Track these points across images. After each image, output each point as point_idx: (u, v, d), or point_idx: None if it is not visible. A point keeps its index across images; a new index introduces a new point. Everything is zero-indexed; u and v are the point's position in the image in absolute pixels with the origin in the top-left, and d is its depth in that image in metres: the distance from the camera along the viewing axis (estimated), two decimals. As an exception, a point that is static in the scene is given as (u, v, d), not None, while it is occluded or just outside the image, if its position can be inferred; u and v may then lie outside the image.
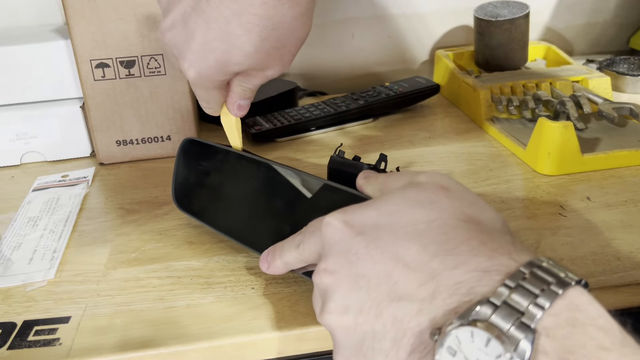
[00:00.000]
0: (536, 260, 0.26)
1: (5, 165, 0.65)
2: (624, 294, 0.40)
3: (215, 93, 0.41)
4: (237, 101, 0.42)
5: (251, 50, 0.36)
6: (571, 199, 0.51)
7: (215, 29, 0.35)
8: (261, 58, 0.37)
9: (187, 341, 0.37)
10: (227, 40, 0.36)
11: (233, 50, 0.36)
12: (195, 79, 0.39)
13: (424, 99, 0.75)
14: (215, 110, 0.44)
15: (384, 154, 0.45)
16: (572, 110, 0.61)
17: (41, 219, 0.53)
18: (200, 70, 0.38)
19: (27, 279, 0.44)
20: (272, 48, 0.36)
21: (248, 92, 0.42)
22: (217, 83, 0.40)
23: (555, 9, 0.88)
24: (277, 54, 0.37)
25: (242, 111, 0.43)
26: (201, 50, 0.37)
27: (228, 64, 0.37)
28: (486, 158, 0.61)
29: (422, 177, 0.34)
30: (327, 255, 0.32)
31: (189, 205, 0.49)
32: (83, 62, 0.59)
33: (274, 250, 0.39)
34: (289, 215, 0.42)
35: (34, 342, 0.38)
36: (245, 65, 0.37)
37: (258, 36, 0.35)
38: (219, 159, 0.47)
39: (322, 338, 0.38)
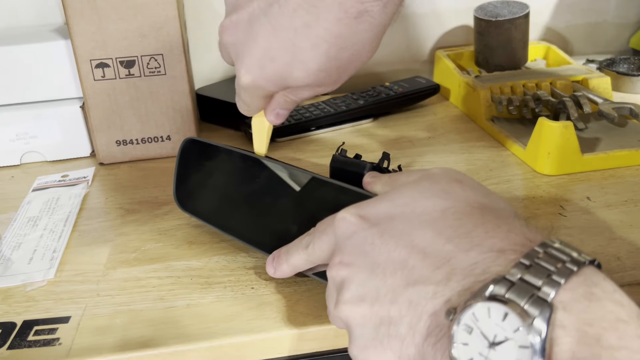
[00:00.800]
0: (549, 240, 0.26)
1: (5, 165, 0.65)
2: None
3: (261, 101, 0.40)
4: (277, 109, 0.41)
5: (314, 67, 0.34)
6: (571, 198, 0.51)
7: (282, 37, 0.34)
8: (322, 77, 0.35)
9: (187, 341, 0.37)
10: (292, 52, 0.34)
11: (296, 64, 0.34)
12: (248, 86, 0.37)
13: (424, 99, 0.75)
14: (253, 112, 0.42)
15: (387, 153, 0.45)
16: (572, 110, 0.61)
17: (41, 219, 0.53)
18: (256, 79, 0.36)
19: (27, 278, 0.44)
20: (335, 68, 0.35)
21: (290, 103, 0.40)
22: (268, 93, 0.38)
23: (556, 8, 0.88)
24: (337, 75, 0.36)
25: (279, 119, 0.42)
26: (262, 57, 0.35)
27: (287, 78, 0.35)
28: (486, 158, 0.61)
29: (435, 170, 0.34)
30: (341, 248, 0.32)
31: (190, 204, 0.49)
32: (83, 62, 0.59)
33: (279, 254, 0.39)
34: (292, 213, 0.42)
35: (34, 342, 0.38)
36: (303, 82, 0.36)
37: (325, 54, 0.33)
38: (220, 159, 0.47)
39: (322, 338, 0.38)
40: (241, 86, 0.38)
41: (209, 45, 0.81)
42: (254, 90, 0.38)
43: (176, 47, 0.60)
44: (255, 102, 0.40)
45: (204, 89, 0.75)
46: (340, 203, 0.36)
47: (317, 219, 0.38)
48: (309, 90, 0.38)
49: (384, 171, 0.43)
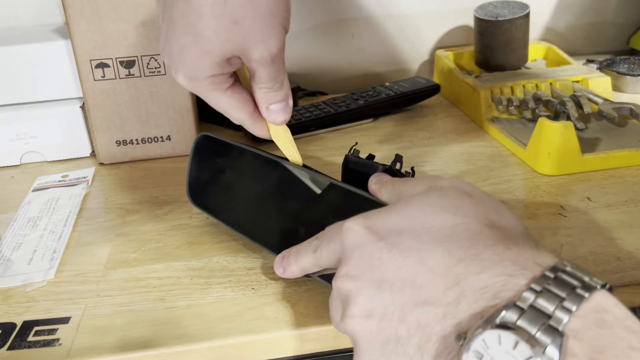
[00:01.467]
0: (560, 264, 0.26)
1: (5, 165, 0.65)
2: (624, 294, 0.40)
3: (224, 97, 0.38)
4: (265, 105, 0.39)
5: (210, 32, 0.34)
6: (571, 199, 0.51)
7: (179, 26, 0.35)
8: (225, 38, 0.34)
9: (188, 341, 0.37)
10: (189, 31, 0.34)
11: (197, 39, 0.34)
12: (186, 83, 0.37)
13: (424, 99, 0.75)
14: (251, 122, 0.40)
15: (400, 155, 0.44)
16: (573, 110, 0.61)
17: (41, 219, 0.52)
18: (185, 72, 0.36)
19: (27, 279, 0.44)
20: (231, 23, 0.34)
21: (267, 91, 0.38)
22: (210, 83, 0.37)
23: (556, 9, 0.88)
24: (240, 29, 0.34)
25: (279, 116, 0.40)
26: (178, 53, 0.36)
27: (201, 56, 0.35)
28: (486, 158, 0.61)
29: (443, 182, 0.33)
30: (348, 260, 0.31)
31: (201, 200, 0.49)
32: (83, 62, 0.59)
33: (289, 254, 0.39)
34: (303, 215, 0.42)
35: (34, 342, 0.38)
36: (217, 52, 0.35)
37: (210, 15, 0.33)
38: (233, 156, 0.47)
39: (322, 338, 0.38)
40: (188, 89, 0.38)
41: (209, 45, 0.81)
42: (197, 86, 0.37)
43: (176, 47, 0.60)
44: (224, 102, 0.39)
45: (204, 89, 0.75)
46: (350, 208, 0.36)
47: (327, 222, 0.38)
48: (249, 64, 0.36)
49: (396, 173, 0.43)
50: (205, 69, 0.36)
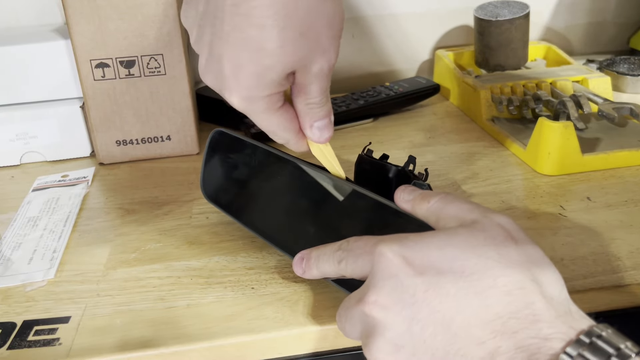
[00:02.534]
0: (596, 329, 0.26)
1: (5, 165, 0.65)
2: (624, 294, 0.40)
3: (277, 118, 0.36)
4: (309, 122, 0.37)
5: (274, 45, 0.32)
6: (571, 199, 0.51)
7: (234, 43, 0.32)
8: (290, 51, 0.32)
9: (188, 341, 0.37)
10: (248, 47, 0.32)
11: (258, 54, 0.32)
12: (241, 104, 0.35)
13: (424, 99, 0.75)
14: (295, 141, 0.38)
15: (413, 156, 0.44)
16: (573, 110, 0.61)
17: (41, 219, 0.52)
18: (240, 92, 0.34)
19: (26, 279, 0.44)
20: (297, 35, 0.32)
21: (314, 107, 0.37)
22: (267, 102, 0.35)
23: (556, 8, 0.88)
24: (306, 41, 0.33)
25: (322, 134, 0.38)
26: (232, 71, 0.33)
27: (261, 73, 0.33)
28: (486, 158, 0.61)
29: (489, 218, 0.32)
30: (378, 287, 0.30)
31: (215, 196, 0.49)
32: (83, 62, 0.59)
33: (309, 257, 0.37)
34: (319, 218, 0.42)
35: (34, 342, 0.38)
36: (279, 66, 0.33)
37: (274, 28, 0.31)
38: (249, 154, 0.47)
39: (322, 338, 0.38)
40: (243, 111, 0.36)
41: (209, 45, 0.81)
42: (252, 107, 0.35)
43: (176, 47, 0.60)
44: (274, 122, 0.36)
45: (204, 89, 0.75)
46: (371, 217, 0.36)
47: (346, 228, 0.38)
48: (305, 78, 0.35)
49: (409, 175, 0.43)
50: (264, 88, 0.34)
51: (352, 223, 0.40)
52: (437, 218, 0.34)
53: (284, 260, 0.45)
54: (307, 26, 0.32)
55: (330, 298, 0.40)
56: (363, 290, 0.31)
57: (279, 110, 0.36)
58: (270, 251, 0.46)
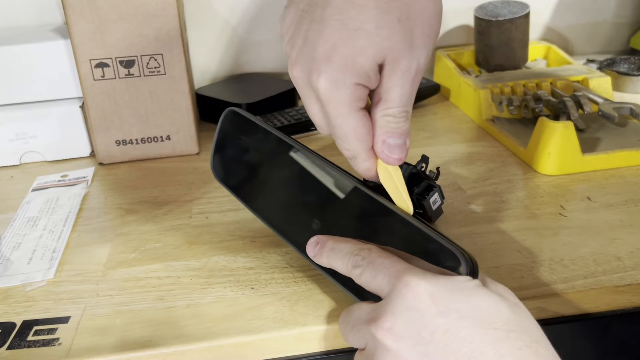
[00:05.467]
0: None
1: (5, 165, 0.65)
2: (624, 294, 0.40)
3: (352, 118, 0.34)
4: (384, 138, 0.35)
5: (372, 26, 0.32)
6: (572, 199, 0.51)
7: (332, 24, 0.32)
8: (385, 35, 0.32)
9: (187, 341, 0.37)
10: (346, 26, 0.32)
11: (354, 34, 0.32)
12: (327, 88, 0.33)
13: (424, 99, 0.75)
14: (362, 157, 0.36)
15: (426, 156, 0.44)
16: (573, 110, 0.61)
17: (40, 219, 0.52)
18: (329, 74, 0.33)
19: (26, 279, 0.44)
20: (395, 21, 0.32)
21: (391, 120, 0.35)
22: (351, 94, 0.33)
23: (556, 8, 0.88)
24: (402, 29, 0.32)
25: (392, 153, 0.36)
26: (326, 52, 0.33)
27: (354, 55, 0.32)
28: (486, 158, 0.60)
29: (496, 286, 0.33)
30: (396, 314, 0.30)
31: (224, 176, 0.49)
32: (82, 62, 0.59)
33: (324, 245, 0.37)
34: (328, 215, 0.41)
35: (34, 342, 0.38)
36: (372, 50, 0.32)
37: (375, 9, 0.31)
38: (261, 138, 0.46)
39: (322, 338, 0.38)
40: (323, 100, 0.34)
41: (209, 45, 0.81)
42: (335, 96, 0.33)
43: (176, 47, 0.60)
44: (350, 123, 0.34)
45: (204, 89, 0.75)
46: (376, 217, 0.36)
47: (350, 228, 0.39)
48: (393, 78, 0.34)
49: (421, 174, 0.43)
50: (352, 73, 0.33)
51: (360, 227, 0.39)
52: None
53: (284, 261, 0.45)
54: (405, 15, 0.32)
55: (330, 298, 0.40)
56: (378, 310, 0.32)
57: (359, 112, 0.34)
58: (270, 251, 0.46)
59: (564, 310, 0.40)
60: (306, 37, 0.34)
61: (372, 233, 0.38)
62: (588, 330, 0.42)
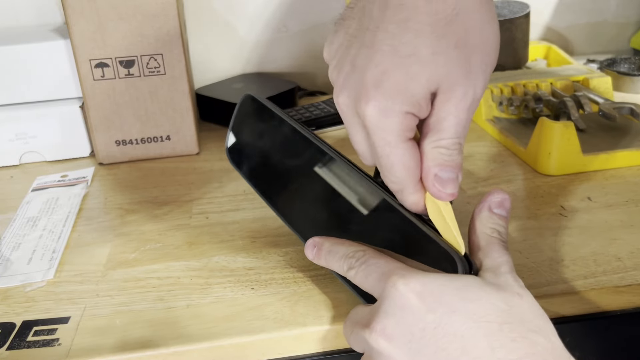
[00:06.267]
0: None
1: (5, 165, 0.65)
2: (624, 294, 0.40)
3: (400, 148, 0.32)
4: (434, 170, 0.33)
5: (428, 52, 0.30)
6: (572, 199, 0.51)
7: (383, 49, 0.31)
8: (442, 61, 0.31)
9: (187, 341, 0.37)
10: (399, 52, 0.30)
11: (408, 60, 0.30)
12: (375, 116, 0.32)
13: (424, 99, 0.75)
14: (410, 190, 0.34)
15: None
16: (573, 110, 0.61)
17: (40, 219, 0.52)
18: (379, 101, 0.31)
19: (26, 279, 0.44)
20: (452, 46, 0.30)
21: (444, 152, 0.33)
22: (401, 122, 0.32)
23: (556, 8, 0.88)
24: (458, 56, 0.31)
25: (444, 187, 0.33)
26: (375, 78, 0.31)
27: (406, 82, 0.31)
28: (487, 158, 0.60)
29: (503, 275, 0.32)
30: (388, 314, 0.31)
31: (238, 160, 0.49)
32: (82, 62, 0.59)
33: (322, 247, 0.38)
34: (338, 211, 0.41)
35: (33, 342, 0.38)
36: (425, 76, 0.31)
37: (432, 34, 0.30)
38: (277, 127, 0.45)
39: (322, 338, 0.38)
40: (370, 129, 0.32)
41: (209, 45, 0.81)
42: (384, 124, 0.32)
43: (176, 47, 0.60)
44: (398, 155, 0.33)
45: (204, 89, 0.75)
46: (390, 226, 0.36)
47: (358, 227, 0.39)
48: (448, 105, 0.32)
49: None
50: (403, 101, 0.31)
51: (373, 229, 0.39)
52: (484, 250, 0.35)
53: (284, 261, 0.45)
54: (463, 41, 0.31)
55: (330, 299, 0.40)
56: (371, 313, 0.32)
57: (408, 142, 0.33)
58: (270, 251, 0.46)
59: (564, 310, 0.40)
60: (354, 62, 0.32)
61: (372, 227, 0.39)
62: (588, 330, 0.42)
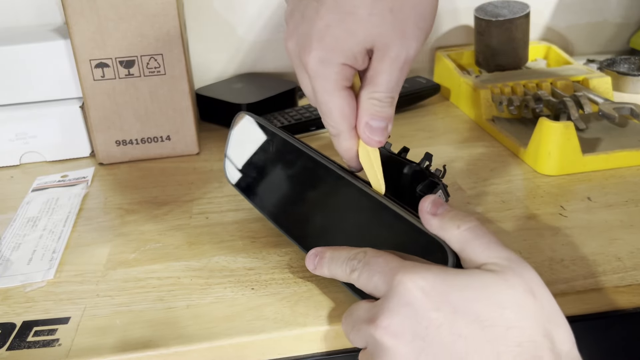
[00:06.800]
0: None
1: (5, 166, 0.65)
2: (624, 294, 0.40)
3: (338, 98, 0.36)
4: (367, 120, 0.36)
5: (364, 12, 0.33)
6: (572, 199, 0.51)
7: (327, 4, 0.34)
8: (377, 22, 0.33)
9: (187, 341, 0.37)
10: (341, 9, 0.34)
11: (347, 19, 0.34)
12: (315, 65, 0.35)
13: (424, 99, 0.75)
14: (345, 136, 0.37)
15: (430, 154, 0.44)
16: (573, 110, 0.61)
17: (40, 219, 0.52)
18: (319, 52, 0.34)
19: (26, 279, 0.44)
20: (387, 10, 0.33)
21: (377, 103, 0.36)
22: (338, 74, 0.35)
23: (556, 8, 0.88)
24: (396, 21, 0.34)
25: (373, 135, 0.37)
26: (319, 31, 0.34)
27: (344, 37, 0.34)
28: (486, 158, 0.60)
29: (511, 270, 0.31)
30: (393, 312, 0.31)
31: (235, 177, 0.50)
32: (82, 62, 0.59)
33: (323, 256, 0.38)
34: (335, 218, 0.41)
35: (34, 342, 0.38)
36: (362, 35, 0.34)
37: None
38: (271, 141, 0.47)
39: (322, 339, 0.38)
40: (310, 75, 0.36)
41: (209, 45, 0.81)
42: (322, 73, 0.35)
43: (176, 47, 0.60)
44: (335, 101, 0.36)
45: (204, 89, 0.75)
46: (390, 230, 0.36)
47: (356, 230, 0.39)
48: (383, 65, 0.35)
49: (425, 172, 0.43)
50: (341, 53, 0.34)
51: (367, 229, 0.39)
52: (461, 247, 0.33)
53: (284, 261, 0.45)
54: (399, 6, 0.34)
55: (330, 299, 0.40)
56: (375, 309, 0.32)
57: (345, 91, 0.36)
58: (270, 251, 0.46)
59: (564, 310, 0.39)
60: (304, 13, 0.35)
61: (366, 227, 0.39)
62: (588, 330, 0.42)
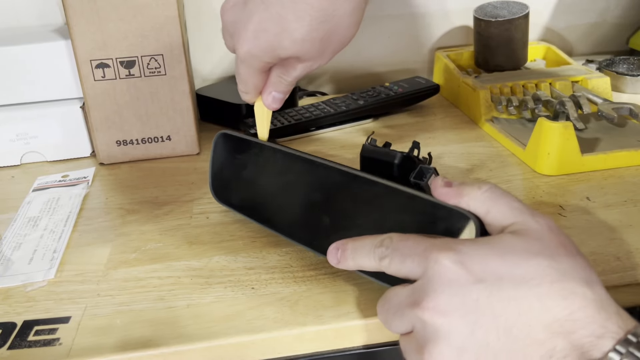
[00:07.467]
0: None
1: (6, 166, 0.65)
2: (624, 294, 0.40)
3: (256, 77, 0.43)
4: (272, 92, 0.44)
5: (299, 37, 0.39)
6: (571, 199, 0.51)
7: (271, 12, 0.38)
8: (307, 48, 0.39)
9: (188, 341, 0.37)
10: (280, 24, 0.38)
11: (284, 34, 0.38)
12: (245, 55, 0.41)
13: (424, 99, 0.75)
14: (250, 96, 0.45)
15: (417, 142, 0.45)
16: (572, 111, 0.61)
17: (41, 219, 0.53)
18: (251, 48, 0.40)
19: (27, 279, 0.44)
20: (319, 40, 0.39)
21: (284, 84, 0.44)
22: (262, 64, 0.42)
23: (555, 9, 0.88)
24: (322, 47, 0.40)
25: (275, 104, 0.45)
26: (255, 30, 0.39)
27: (277, 47, 0.39)
28: (486, 158, 0.61)
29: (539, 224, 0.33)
30: (436, 293, 0.31)
31: (225, 197, 0.50)
32: (83, 62, 0.59)
33: (345, 248, 0.37)
34: (335, 210, 0.42)
35: (34, 342, 0.38)
36: (291, 51, 0.40)
37: (309, 25, 0.38)
38: (254, 152, 0.48)
39: (322, 338, 0.38)
40: (239, 58, 0.42)
41: (209, 45, 0.81)
42: (249, 61, 0.41)
43: (176, 47, 0.60)
44: (252, 79, 0.43)
45: (204, 89, 0.75)
46: (383, 203, 0.36)
47: (358, 216, 0.39)
48: (297, 66, 0.42)
49: (414, 160, 0.43)
50: (269, 56, 0.40)
51: (368, 212, 0.40)
52: (487, 210, 0.34)
53: (284, 261, 0.45)
54: (328, 37, 0.39)
55: (330, 299, 0.40)
56: (417, 293, 0.32)
57: (263, 74, 0.43)
58: (270, 251, 0.46)
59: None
60: (247, 2, 0.40)
61: (381, 214, 0.39)
62: (587, 330, 0.42)
